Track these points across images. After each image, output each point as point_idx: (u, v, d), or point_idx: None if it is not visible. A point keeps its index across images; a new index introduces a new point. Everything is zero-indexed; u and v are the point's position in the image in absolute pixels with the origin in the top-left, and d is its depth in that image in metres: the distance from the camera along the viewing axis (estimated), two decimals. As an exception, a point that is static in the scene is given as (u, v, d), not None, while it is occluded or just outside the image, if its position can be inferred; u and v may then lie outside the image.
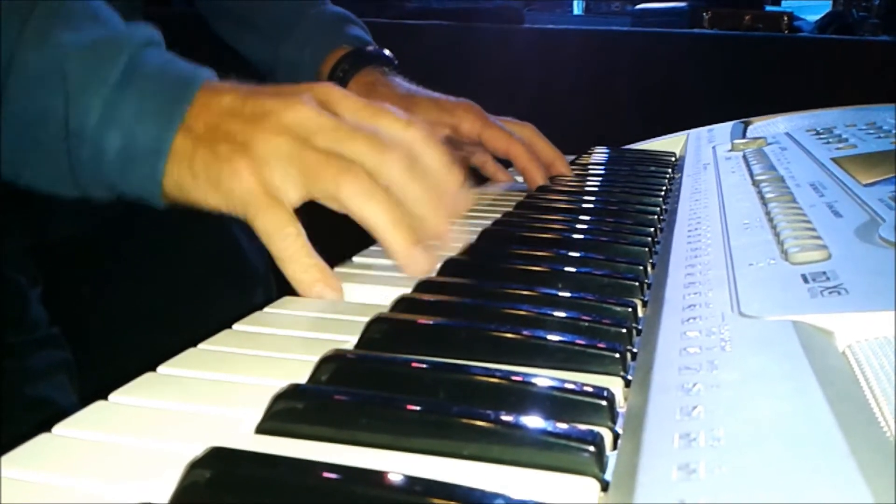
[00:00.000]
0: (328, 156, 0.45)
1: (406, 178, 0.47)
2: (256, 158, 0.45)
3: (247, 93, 0.48)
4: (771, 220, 0.48)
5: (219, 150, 0.45)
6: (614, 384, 0.31)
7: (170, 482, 0.24)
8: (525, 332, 0.35)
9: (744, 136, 0.87)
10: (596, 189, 0.76)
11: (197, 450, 0.25)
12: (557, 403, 0.29)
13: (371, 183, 0.45)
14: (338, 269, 0.49)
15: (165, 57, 0.49)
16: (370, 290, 0.46)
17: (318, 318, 0.40)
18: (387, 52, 0.85)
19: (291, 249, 0.45)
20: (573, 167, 0.85)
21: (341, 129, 0.47)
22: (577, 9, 2.84)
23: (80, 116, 0.45)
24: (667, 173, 0.80)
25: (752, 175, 0.63)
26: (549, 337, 0.35)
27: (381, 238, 0.46)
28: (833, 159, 0.62)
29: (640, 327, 0.38)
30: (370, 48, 0.84)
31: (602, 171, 0.84)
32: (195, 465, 0.24)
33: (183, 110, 0.46)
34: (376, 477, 0.24)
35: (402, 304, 0.40)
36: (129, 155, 0.46)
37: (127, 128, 0.46)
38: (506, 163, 0.83)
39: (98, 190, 0.49)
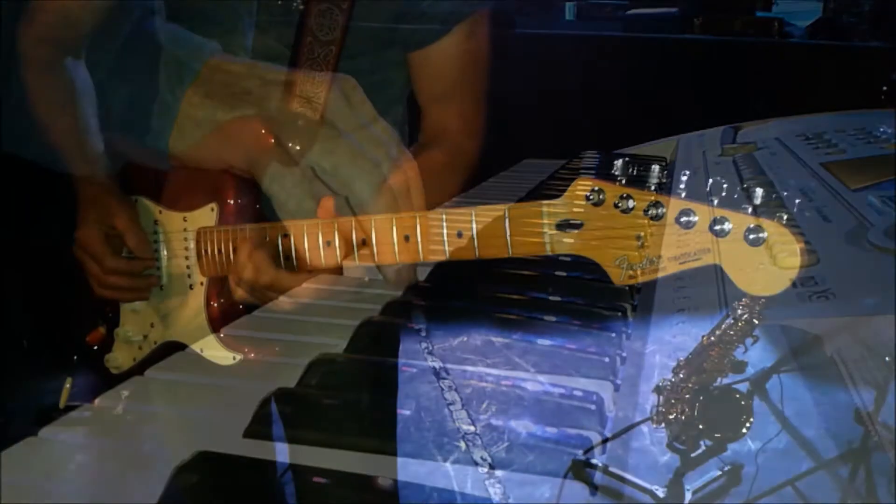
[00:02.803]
0: None
1: None
2: None
3: None
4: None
5: None
6: (604, 389, 0.31)
7: (157, 485, 0.24)
8: (515, 336, 0.35)
9: (734, 141, 0.87)
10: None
11: (184, 453, 0.25)
12: (547, 408, 0.29)
13: None
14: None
15: None
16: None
17: (306, 321, 0.40)
18: None
19: None
20: (564, 171, 0.85)
21: None
22: (569, 14, 2.84)
23: None
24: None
25: (741, 179, 0.63)
26: (539, 341, 0.35)
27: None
28: (822, 164, 0.62)
29: (629, 331, 0.38)
30: None
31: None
32: (182, 469, 0.24)
33: None
34: (364, 480, 0.24)
35: (391, 308, 0.40)
36: None
37: None
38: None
39: None
